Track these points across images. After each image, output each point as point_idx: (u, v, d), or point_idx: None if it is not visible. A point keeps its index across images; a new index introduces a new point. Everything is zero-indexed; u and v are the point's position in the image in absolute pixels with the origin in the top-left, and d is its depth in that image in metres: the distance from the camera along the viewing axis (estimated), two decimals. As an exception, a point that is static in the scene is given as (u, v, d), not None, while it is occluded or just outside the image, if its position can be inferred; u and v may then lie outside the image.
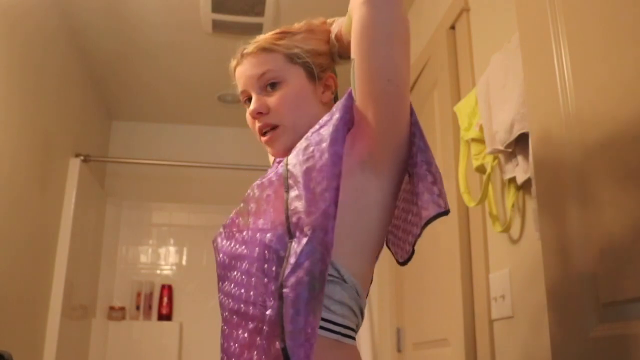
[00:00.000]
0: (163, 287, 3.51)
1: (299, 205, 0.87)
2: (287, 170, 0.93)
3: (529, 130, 1.19)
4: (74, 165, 2.91)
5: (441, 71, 2.04)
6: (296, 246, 0.85)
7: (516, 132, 1.34)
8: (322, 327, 0.89)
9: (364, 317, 1.01)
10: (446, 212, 0.94)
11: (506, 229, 1.52)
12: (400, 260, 1.06)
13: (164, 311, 3.45)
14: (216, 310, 1.05)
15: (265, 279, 0.88)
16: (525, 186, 1.44)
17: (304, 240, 0.84)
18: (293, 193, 0.89)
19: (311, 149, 0.91)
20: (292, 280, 0.83)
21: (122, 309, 3.40)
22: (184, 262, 3.64)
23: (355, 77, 0.94)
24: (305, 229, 0.85)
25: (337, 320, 0.91)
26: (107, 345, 3.32)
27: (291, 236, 0.87)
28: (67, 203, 2.84)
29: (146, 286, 3.49)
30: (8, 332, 2.17)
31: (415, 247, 1.00)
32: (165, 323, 3.43)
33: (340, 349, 0.91)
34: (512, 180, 1.48)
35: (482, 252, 1.70)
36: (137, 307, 3.43)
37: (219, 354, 1.01)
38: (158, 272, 3.60)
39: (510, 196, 1.49)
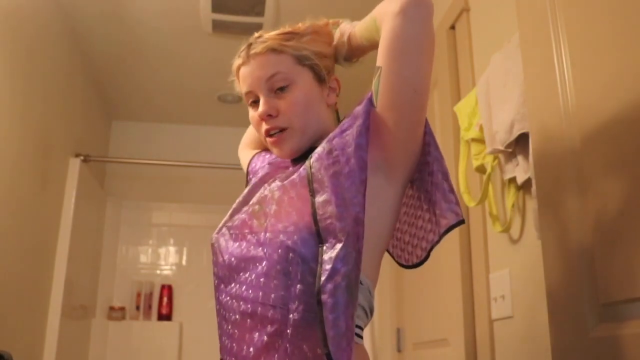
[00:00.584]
0: (163, 287, 3.51)
1: (329, 210, 0.87)
2: (312, 173, 0.92)
3: (529, 130, 1.19)
4: (74, 165, 2.91)
5: (441, 71, 2.04)
6: (330, 252, 0.85)
7: (516, 132, 1.34)
8: None
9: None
10: (463, 221, 0.96)
11: (506, 229, 1.52)
12: (406, 264, 1.07)
13: (164, 311, 3.45)
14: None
15: (288, 282, 0.88)
16: (525, 186, 1.44)
17: (339, 245, 0.85)
18: (321, 197, 0.89)
19: (335, 153, 0.91)
20: (329, 286, 0.83)
21: (122, 309, 3.40)
22: (183, 262, 3.64)
23: (380, 85, 0.94)
24: (339, 234, 0.85)
25: None
26: (107, 345, 3.31)
27: (321, 241, 0.87)
28: (67, 203, 2.83)
29: (146, 286, 3.48)
30: (8, 332, 2.17)
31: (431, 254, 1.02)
32: (165, 323, 3.43)
33: (354, 348, 0.92)
34: (512, 180, 1.47)
35: (482, 252, 1.70)
36: (137, 307, 3.43)
37: (218, 355, 1.00)
38: (158, 272, 3.59)
39: (510, 196, 1.49)
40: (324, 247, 0.86)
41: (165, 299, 3.47)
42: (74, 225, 2.82)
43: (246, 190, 1.11)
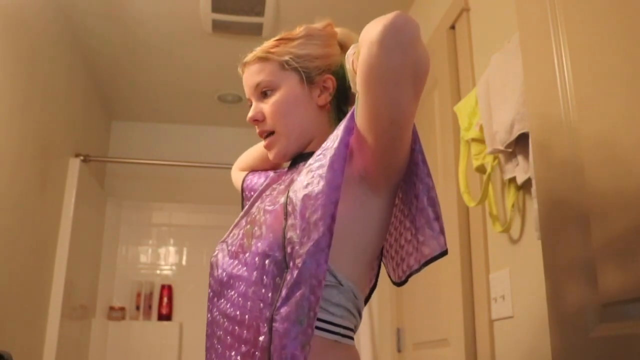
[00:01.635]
0: (163, 287, 3.51)
1: (293, 235, 0.87)
2: (288, 196, 0.93)
3: (529, 130, 1.19)
4: (74, 165, 2.91)
5: (441, 71, 2.04)
6: (289, 278, 0.85)
7: (516, 132, 1.34)
8: (321, 329, 0.91)
9: (362, 318, 1.02)
10: (446, 252, 0.93)
11: (506, 229, 1.52)
12: (391, 278, 1.07)
13: (164, 311, 3.45)
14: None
15: (261, 304, 0.89)
16: (525, 186, 1.44)
17: (295, 272, 0.85)
18: (290, 221, 0.89)
19: (311, 174, 0.91)
20: (281, 313, 0.84)
21: (122, 309, 3.40)
22: (183, 262, 3.64)
23: (358, 109, 0.91)
24: (297, 260, 0.85)
25: (335, 321, 0.93)
26: (107, 345, 3.31)
27: (287, 266, 0.87)
28: (67, 203, 2.83)
29: (146, 286, 3.48)
30: (8, 332, 2.17)
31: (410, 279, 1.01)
32: (165, 323, 3.43)
33: (339, 348, 0.93)
34: (512, 180, 1.48)
35: (482, 252, 1.70)
36: (137, 307, 3.43)
37: None
38: (158, 272, 3.59)
39: (510, 196, 1.49)
40: (286, 273, 0.87)
41: (165, 299, 3.47)
42: (74, 225, 2.82)
43: (249, 203, 1.13)
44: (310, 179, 0.90)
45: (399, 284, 1.03)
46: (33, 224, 2.44)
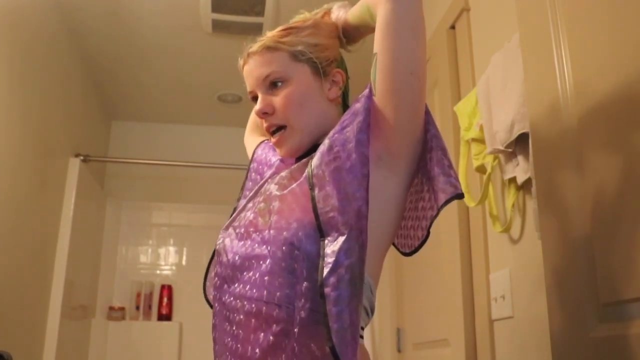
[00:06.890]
0: (163, 287, 3.51)
1: (331, 203, 0.87)
2: (311, 170, 0.92)
3: (529, 130, 1.19)
4: (74, 165, 2.91)
5: (441, 71, 2.04)
6: (332, 245, 0.84)
7: (516, 132, 1.34)
8: None
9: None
10: (462, 195, 0.94)
11: (506, 229, 1.52)
12: (407, 251, 1.06)
13: (164, 311, 3.45)
14: (216, 310, 1.04)
15: (294, 279, 0.87)
16: (525, 186, 1.44)
17: (342, 238, 0.84)
18: (321, 192, 0.88)
19: (336, 149, 0.91)
20: (332, 279, 0.82)
21: (122, 309, 3.40)
22: (183, 262, 3.64)
23: (377, 71, 0.94)
24: (342, 227, 0.85)
25: None
26: (107, 345, 3.31)
27: (322, 235, 0.86)
28: (66, 203, 2.83)
29: (146, 286, 3.48)
30: (8, 332, 2.17)
31: (431, 230, 1.00)
32: (165, 323, 3.43)
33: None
34: (512, 180, 1.47)
35: (482, 252, 1.70)
36: (137, 307, 3.43)
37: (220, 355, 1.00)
38: (158, 272, 3.59)
39: (511, 196, 1.49)
40: (326, 241, 0.85)
41: (165, 299, 3.47)
42: (73, 225, 2.82)
43: (253, 191, 1.10)
44: (335, 153, 0.91)
45: (420, 245, 1.03)
46: (33, 224, 2.44)
